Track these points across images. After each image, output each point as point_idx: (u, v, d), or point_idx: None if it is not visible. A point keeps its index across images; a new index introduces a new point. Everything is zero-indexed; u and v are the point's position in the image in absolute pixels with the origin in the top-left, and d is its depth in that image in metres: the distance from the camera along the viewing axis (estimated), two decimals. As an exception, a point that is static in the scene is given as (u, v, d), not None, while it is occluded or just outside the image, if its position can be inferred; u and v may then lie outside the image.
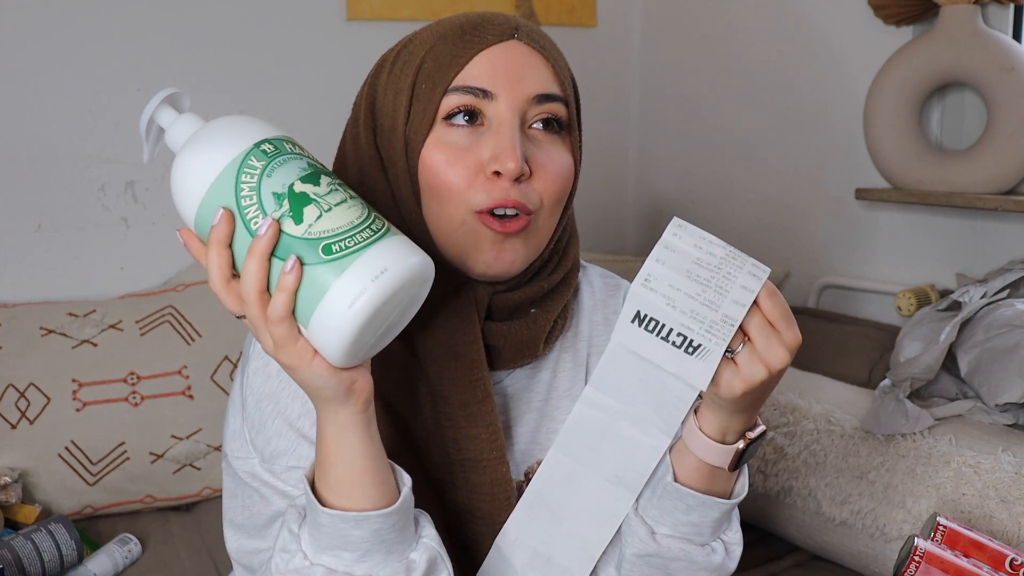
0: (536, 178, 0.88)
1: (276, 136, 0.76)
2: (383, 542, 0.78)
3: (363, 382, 0.76)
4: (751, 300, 0.77)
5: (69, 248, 2.04)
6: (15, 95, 1.95)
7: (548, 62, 0.90)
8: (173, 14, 2.07)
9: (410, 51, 0.90)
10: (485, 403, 0.90)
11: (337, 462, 0.78)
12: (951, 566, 1.22)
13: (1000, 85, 1.87)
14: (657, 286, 0.77)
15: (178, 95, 0.81)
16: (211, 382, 1.91)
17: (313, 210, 0.72)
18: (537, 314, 0.94)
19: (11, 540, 1.53)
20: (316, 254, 0.71)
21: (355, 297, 0.70)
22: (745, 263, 0.78)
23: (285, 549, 0.80)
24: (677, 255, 0.77)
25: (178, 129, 0.80)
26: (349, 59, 2.14)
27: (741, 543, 0.93)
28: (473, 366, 0.90)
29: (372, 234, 0.73)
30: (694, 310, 0.77)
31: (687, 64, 2.59)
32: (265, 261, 0.72)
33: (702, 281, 0.77)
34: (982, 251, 2.00)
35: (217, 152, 0.75)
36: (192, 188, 0.76)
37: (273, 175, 0.73)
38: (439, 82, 0.87)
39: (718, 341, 0.77)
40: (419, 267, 0.74)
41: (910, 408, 1.63)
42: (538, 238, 0.90)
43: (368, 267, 0.71)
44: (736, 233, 2.49)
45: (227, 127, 0.77)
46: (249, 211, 0.73)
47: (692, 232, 0.78)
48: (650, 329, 0.78)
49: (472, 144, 0.87)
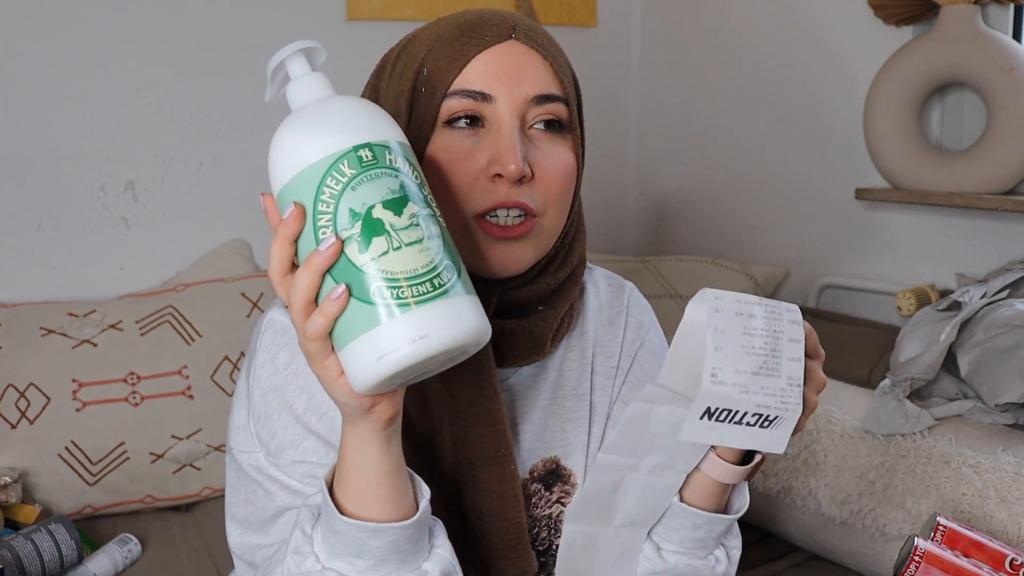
0: (539, 179, 0.88)
1: (380, 141, 0.72)
2: (398, 552, 0.78)
3: (386, 404, 0.75)
4: (802, 351, 0.77)
5: (69, 248, 2.04)
6: (15, 95, 1.95)
7: (547, 61, 0.89)
8: (173, 14, 2.07)
9: (410, 52, 0.90)
10: (493, 401, 0.91)
11: (355, 472, 0.77)
12: (951, 566, 1.22)
13: (1000, 85, 1.87)
14: (725, 378, 0.75)
15: (315, 50, 0.77)
16: (211, 382, 1.91)
17: (382, 243, 0.69)
18: (545, 312, 0.94)
19: (11, 540, 1.53)
20: (367, 291, 0.69)
21: (387, 352, 0.68)
22: (781, 311, 0.78)
23: (298, 551, 0.79)
24: (728, 334, 0.76)
25: (302, 87, 0.75)
26: (349, 59, 2.13)
27: (741, 546, 0.94)
28: (482, 364, 0.89)
29: (431, 290, 0.69)
30: (764, 386, 0.76)
31: (687, 64, 2.59)
32: (318, 277, 0.70)
33: (759, 352, 0.76)
34: (982, 251, 2.00)
35: (319, 140, 0.71)
36: (285, 164, 0.72)
37: (358, 189, 0.70)
38: (438, 86, 0.87)
39: (793, 407, 0.77)
40: (465, 338, 0.70)
41: (910, 408, 1.63)
42: (545, 238, 0.90)
43: (409, 327, 0.68)
44: (736, 233, 2.49)
45: (341, 113, 0.73)
46: (322, 219, 0.70)
47: (728, 299, 0.77)
48: (721, 419, 0.77)
49: (473, 147, 0.87)
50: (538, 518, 0.98)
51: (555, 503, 0.99)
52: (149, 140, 2.09)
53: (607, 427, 1.01)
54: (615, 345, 1.02)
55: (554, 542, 0.99)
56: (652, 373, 1.03)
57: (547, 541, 0.99)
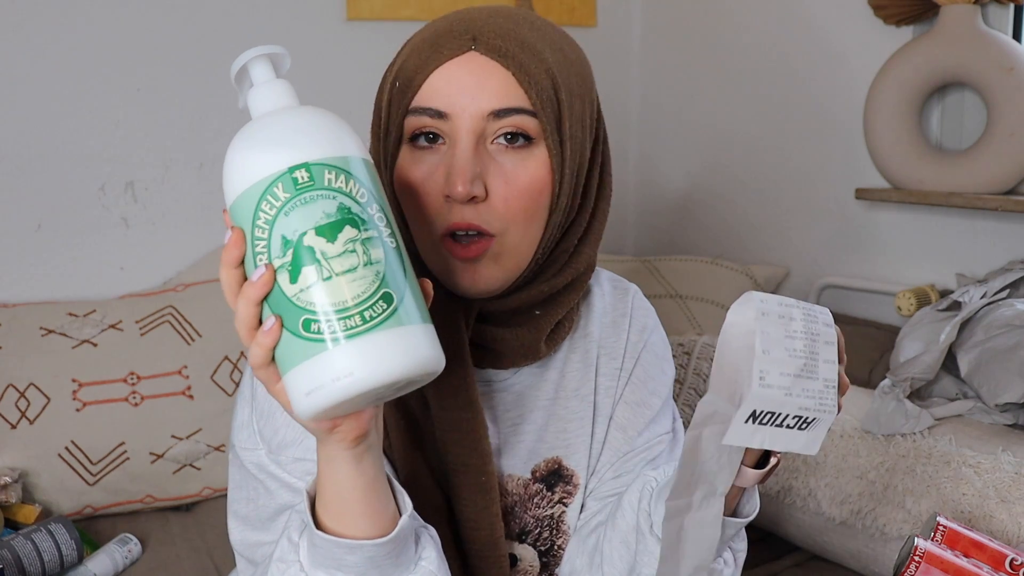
0: (494, 197, 0.84)
1: (322, 160, 0.68)
2: (378, 567, 0.77)
3: (351, 424, 0.72)
4: (835, 353, 0.77)
5: (69, 248, 2.04)
6: (15, 95, 1.95)
7: (509, 71, 0.84)
8: (173, 14, 2.07)
9: (395, 63, 0.89)
10: (467, 410, 0.90)
11: (328, 488, 0.76)
12: (951, 566, 1.22)
13: (1000, 85, 1.87)
14: (772, 380, 0.75)
15: (280, 56, 0.74)
16: (211, 382, 1.91)
17: (312, 273, 0.65)
18: (540, 317, 0.93)
19: (11, 540, 1.53)
20: (296, 324, 0.66)
21: (312, 389, 0.65)
22: (816, 314, 0.78)
23: (283, 559, 0.79)
24: (772, 337, 0.76)
25: (258, 96, 0.72)
26: (349, 59, 2.14)
27: (746, 550, 0.94)
28: (455, 373, 0.88)
29: (360, 324, 0.65)
30: (804, 388, 0.76)
31: (687, 64, 2.59)
32: (253, 307, 0.68)
33: (799, 355, 0.76)
34: (982, 251, 2.00)
35: (257, 160, 0.68)
36: (231, 181, 0.69)
37: (291, 215, 0.66)
38: (401, 103, 0.86)
39: (829, 409, 0.77)
40: (399, 373, 0.66)
41: (910, 408, 1.63)
42: (513, 257, 0.87)
43: (333, 365, 0.65)
44: (736, 233, 2.49)
45: (286, 129, 0.69)
46: (258, 244, 0.67)
47: (772, 302, 0.77)
48: (764, 422, 0.77)
49: (434, 166, 0.85)
50: (540, 518, 0.98)
51: (557, 503, 0.99)
52: (149, 140, 2.09)
53: (609, 428, 1.01)
54: (619, 347, 1.02)
55: (556, 542, 0.99)
56: (654, 375, 1.03)
57: (549, 541, 0.99)
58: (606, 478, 1.00)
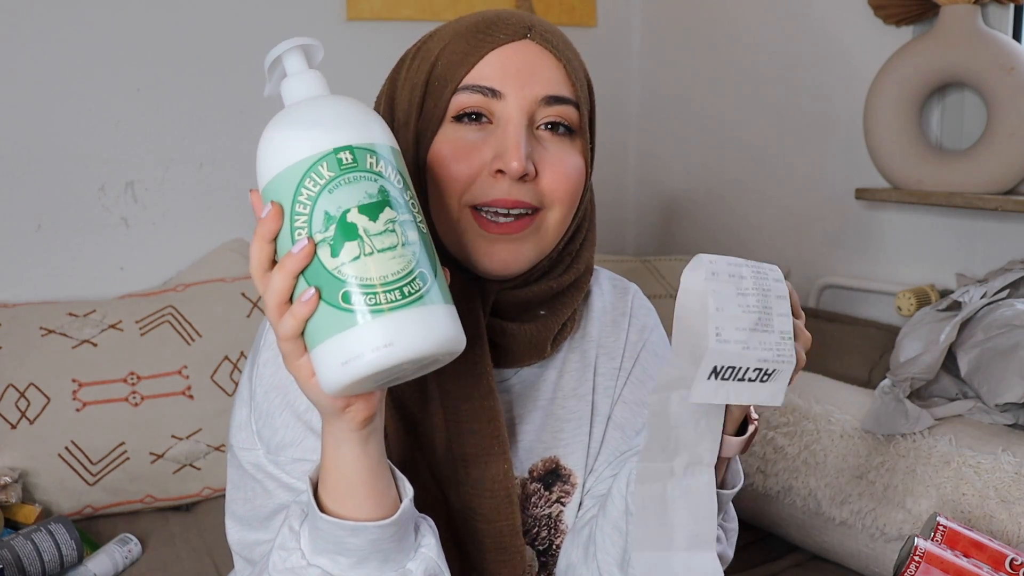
0: (543, 176, 0.88)
1: (363, 144, 0.72)
2: (379, 551, 0.78)
3: (361, 405, 0.75)
4: (788, 306, 0.80)
5: (69, 248, 2.04)
6: (15, 95, 1.95)
7: (560, 63, 0.90)
8: (173, 14, 2.07)
9: (428, 48, 0.91)
10: (488, 398, 0.91)
11: (333, 471, 0.78)
12: (951, 566, 1.22)
13: (1000, 85, 1.87)
14: (728, 336, 0.78)
15: (314, 48, 0.77)
16: (211, 382, 1.91)
17: (353, 248, 0.69)
18: (546, 316, 0.95)
19: (11, 540, 1.53)
20: (336, 296, 0.69)
21: (351, 358, 0.68)
22: (765, 271, 0.81)
23: (284, 547, 0.80)
24: (725, 294, 0.78)
25: (295, 84, 0.75)
26: (349, 59, 2.14)
27: (737, 530, 0.95)
28: (476, 361, 0.90)
29: (400, 298, 0.69)
30: (761, 341, 0.79)
31: (687, 64, 2.59)
32: (291, 279, 0.70)
33: (753, 309, 0.79)
34: (982, 251, 2.00)
35: (301, 140, 0.71)
36: (268, 161, 0.72)
37: (335, 192, 0.70)
38: (450, 80, 0.88)
39: (787, 360, 0.79)
40: (433, 347, 0.70)
41: (910, 408, 1.63)
42: (547, 235, 0.91)
43: (374, 335, 0.68)
44: (736, 233, 2.49)
45: (327, 114, 0.73)
46: (298, 220, 0.70)
47: (721, 262, 0.79)
48: (726, 378, 0.79)
49: (479, 142, 0.88)
50: (538, 517, 0.98)
51: (555, 503, 0.99)
52: (149, 140, 2.09)
53: (608, 428, 1.01)
54: (618, 346, 1.03)
55: (554, 542, 0.99)
56: (653, 374, 1.03)
57: (547, 541, 0.99)
58: (604, 477, 1.00)
